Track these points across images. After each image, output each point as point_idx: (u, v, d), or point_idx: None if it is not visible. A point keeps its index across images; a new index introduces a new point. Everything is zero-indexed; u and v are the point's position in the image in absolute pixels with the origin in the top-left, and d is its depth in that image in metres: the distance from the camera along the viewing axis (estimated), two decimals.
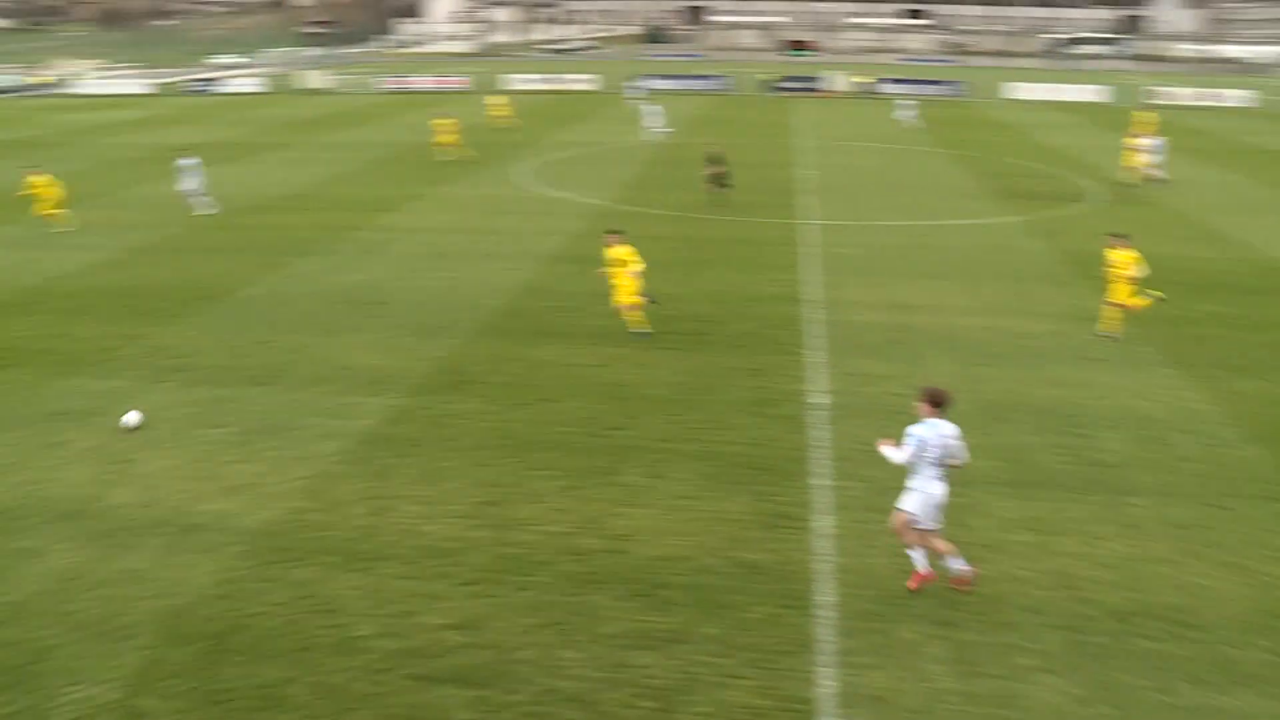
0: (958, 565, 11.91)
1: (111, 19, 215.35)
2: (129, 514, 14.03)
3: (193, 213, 34.02)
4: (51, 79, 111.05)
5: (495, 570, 12.48)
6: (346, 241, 29.61)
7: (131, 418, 17.04)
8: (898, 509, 11.85)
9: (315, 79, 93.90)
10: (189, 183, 34.44)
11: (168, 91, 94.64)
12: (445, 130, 46.45)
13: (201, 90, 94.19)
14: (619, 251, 20.76)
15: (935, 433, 11.38)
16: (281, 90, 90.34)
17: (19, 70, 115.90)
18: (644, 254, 27.02)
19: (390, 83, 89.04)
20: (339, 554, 12.86)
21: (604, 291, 23.76)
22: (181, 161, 34.65)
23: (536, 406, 17.43)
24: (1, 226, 33.23)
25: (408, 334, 21.20)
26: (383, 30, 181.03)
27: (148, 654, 11.04)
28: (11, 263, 28.41)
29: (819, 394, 17.90)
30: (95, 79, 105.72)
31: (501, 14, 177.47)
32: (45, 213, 32.31)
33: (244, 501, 14.27)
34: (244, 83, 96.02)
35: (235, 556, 12.86)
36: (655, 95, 61.31)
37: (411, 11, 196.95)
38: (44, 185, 32.69)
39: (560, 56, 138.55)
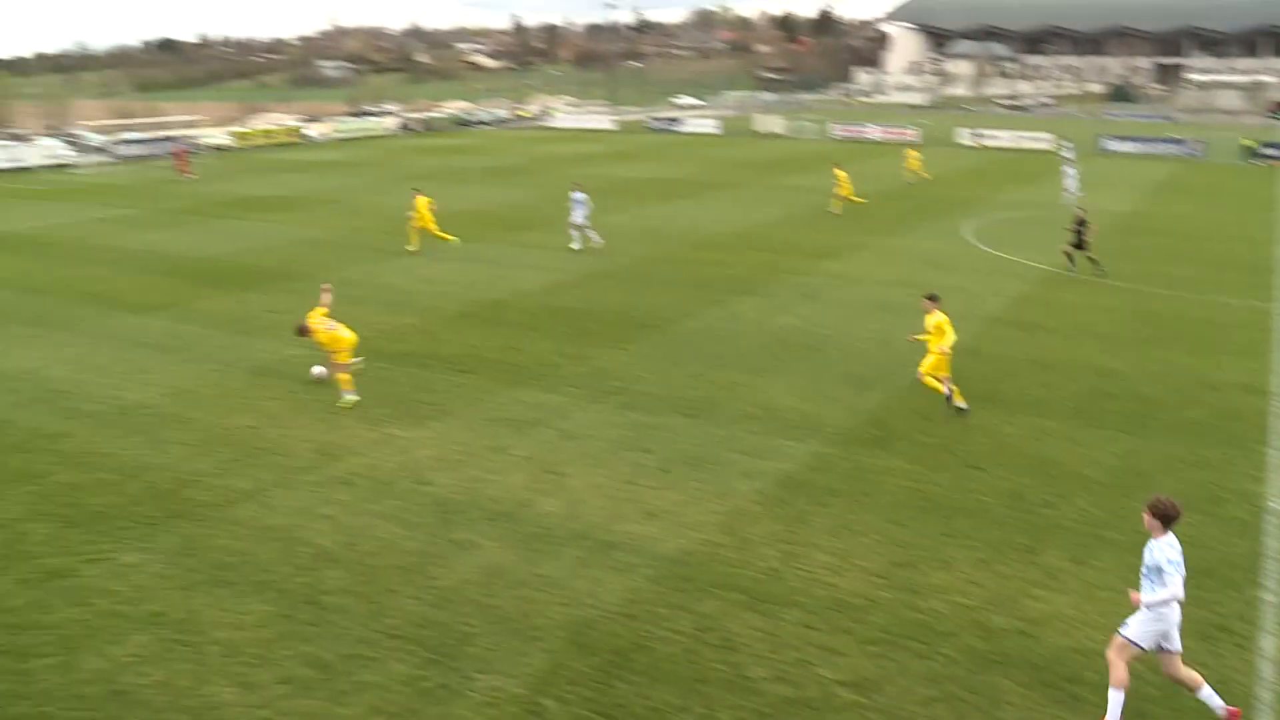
0: (1116, 698, 10.30)
1: (587, 60, 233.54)
2: (553, 523, 15.01)
3: (571, 246, 36.19)
4: (529, 113, 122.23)
5: (898, 634, 12.19)
6: (786, 284, 30.24)
7: (318, 370, 21.56)
8: (1123, 637, 10.43)
9: (769, 123, 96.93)
10: (577, 215, 36.45)
11: (629, 128, 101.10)
12: (841, 182, 46.20)
13: (661, 129, 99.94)
14: (934, 319, 19.65)
15: (1178, 551, 10.16)
16: (736, 132, 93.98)
17: (507, 105, 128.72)
18: (1089, 325, 25.85)
19: (841, 130, 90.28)
20: (744, 592, 13.07)
21: (1044, 359, 22.81)
22: (574, 195, 36.85)
23: (959, 471, 16.93)
24: (481, 245, 36.80)
25: (837, 382, 21.29)
26: (838, 78, 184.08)
27: (553, 657, 11.73)
28: (484, 278, 31.54)
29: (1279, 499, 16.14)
30: (568, 114, 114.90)
31: (957, 67, 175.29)
32: (435, 234, 36.18)
33: (660, 527, 14.86)
34: (701, 123, 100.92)
35: (645, 579, 13.40)
36: (1079, 156, 57.97)
37: (869, 61, 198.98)
38: (423, 207, 36.43)
39: (1016, 113, 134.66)
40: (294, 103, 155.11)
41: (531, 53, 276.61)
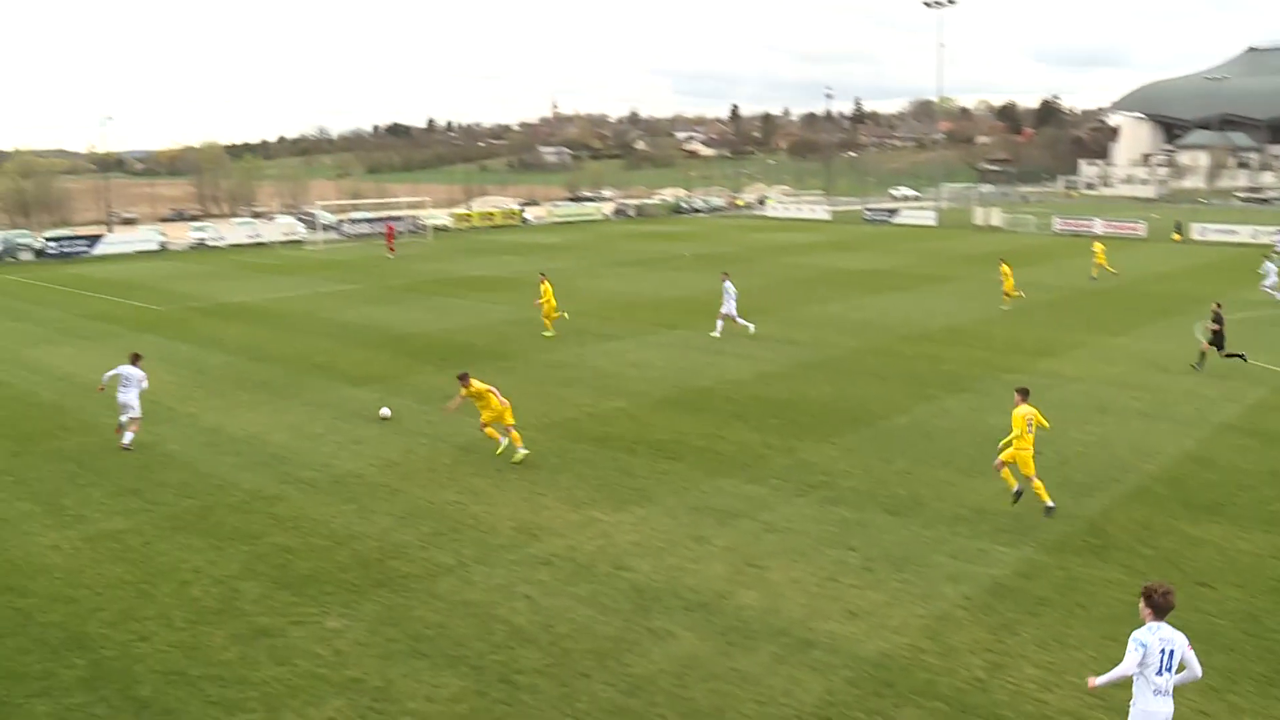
0: None
1: (803, 149, 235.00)
2: (751, 617, 14.85)
3: (748, 332, 36.27)
4: (744, 201, 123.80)
5: None
6: (1000, 382, 29.37)
7: (385, 411, 25.59)
8: None
9: (988, 215, 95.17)
10: (728, 305, 36.48)
11: (844, 218, 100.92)
12: (1005, 277, 44.74)
13: (876, 219, 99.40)
14: (1015, 412, 19.08)
15: (1158, 638, 10.30)
16: (953, 224, 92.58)
17: (722, 193, 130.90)
18: None
19: (1063, 224, 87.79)
20: (946, 702, 12.58)
21: None
22: (725, 285, 36.80)
23: (1186, 589, 15.87)
24: (690, 331, 37.22)
25: (1052, 486, 20.34)
26: (1062, 170, 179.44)
27: None
28: (693, 364, 31.92)
29: None
30: (781, 203, 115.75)
31: (1192, 158, 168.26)
32: (550, 317, 37.83)
33: (861, 628, 14.50)
34: (917, 214, 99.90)
35: (843, 680, 13.07)
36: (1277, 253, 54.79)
37: (1095, 152, 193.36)
38: (547, 292, 37.84)
39: (1257, 206, 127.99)
40: (514, 186, 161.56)
41: (748, 141, 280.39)
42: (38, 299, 50.81)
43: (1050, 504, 18.93)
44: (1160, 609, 10.43)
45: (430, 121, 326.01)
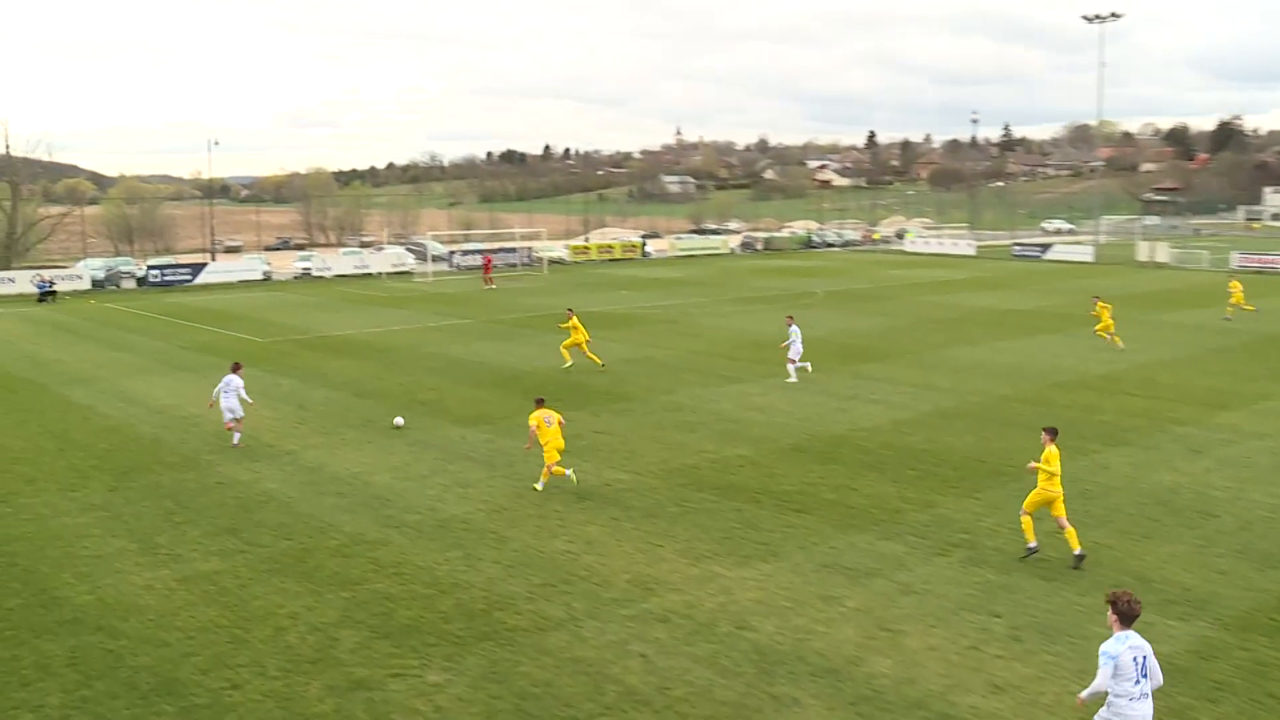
0: None
1: (946, 179, 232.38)
2: (885, 686, 14.49)
3: (789, 380, 36.04)
4: (878, 235, 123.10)
5: None
6: (1168, 435, 28.45)
7: (398, 421, 28.96)
8: None
9: (1154, 250, 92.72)
10: (795, 349, 36.32)
11: (990, 253, 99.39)
12: (1102, 315, 43.60)
13: (1026, 255, 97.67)
14: (1045, 453, 19.17)
15: (1128, 647, 11.13)
16: (1112, 260, 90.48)
17: (858, 226, 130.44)
18: None
19: (1243, 259, 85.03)
20: None
21: None
22: (791, 329, 36.55)
23: None
24: (820, 374, 36.87)
25: (1232, 555, 19.63)
26: (1242, 200, 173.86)
27: None
28: (823, 410, 31.60)
29: None
30: (921, 237, 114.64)
31: None
32: (580, 351, 38.84)
33: (1007, 703, 14.03)
34: (1072, 250, 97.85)
35: None
36: None
37: None
38: (573, 326, 38.82)
39: None
40: (634, 217, 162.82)
41: (885, 170, 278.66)
42: (138, 328, 52.69)
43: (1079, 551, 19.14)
44: (1126, 617, 11.25)
45: (547, 149, 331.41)
